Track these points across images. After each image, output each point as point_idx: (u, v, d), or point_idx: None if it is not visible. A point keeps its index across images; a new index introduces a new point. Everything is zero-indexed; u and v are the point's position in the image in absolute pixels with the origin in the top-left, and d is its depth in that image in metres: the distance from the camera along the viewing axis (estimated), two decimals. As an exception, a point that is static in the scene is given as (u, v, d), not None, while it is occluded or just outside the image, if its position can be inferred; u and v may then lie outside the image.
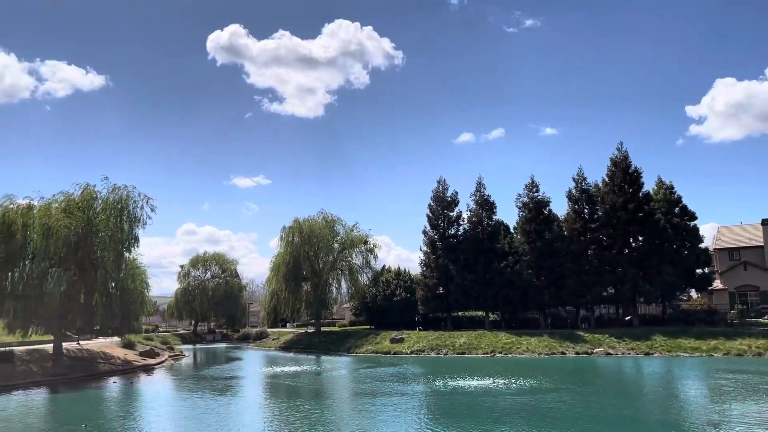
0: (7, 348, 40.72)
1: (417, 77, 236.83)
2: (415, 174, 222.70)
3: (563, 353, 49.65)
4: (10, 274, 40.90)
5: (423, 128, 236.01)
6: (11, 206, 41.61)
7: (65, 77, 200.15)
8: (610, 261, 57.97)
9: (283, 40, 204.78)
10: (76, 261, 42.26)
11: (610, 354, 48.58)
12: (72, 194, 44.84)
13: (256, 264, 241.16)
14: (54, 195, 44.46)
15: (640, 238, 58.92)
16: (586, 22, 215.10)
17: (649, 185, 60.66)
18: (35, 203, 43.08)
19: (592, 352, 49.28)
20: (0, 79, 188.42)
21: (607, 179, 60.59)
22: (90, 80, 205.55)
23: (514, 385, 31.08)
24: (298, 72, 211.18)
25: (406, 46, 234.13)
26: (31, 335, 43.64)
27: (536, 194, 62.72)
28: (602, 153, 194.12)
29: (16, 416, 25.60)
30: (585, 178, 61.87)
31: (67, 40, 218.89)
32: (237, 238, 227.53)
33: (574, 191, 61.91)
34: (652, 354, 47.40)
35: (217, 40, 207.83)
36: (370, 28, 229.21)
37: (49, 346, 44.22)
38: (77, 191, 45.09)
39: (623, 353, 48.57)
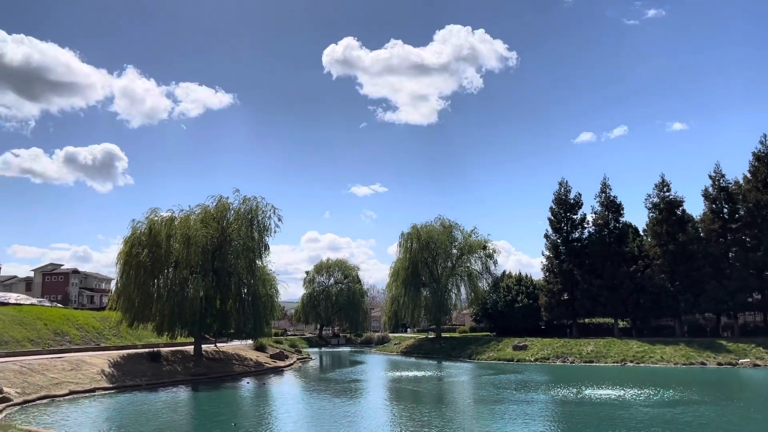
0: (155, 349, 44.38)
1: (533, 77, 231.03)
2: (534, 177, 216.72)
3: (703, 364, 46.19)
4: (155, 280, 44.60)
5: (540, 129, 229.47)
6: (156, 218, 45.31)
7: (197, 98, 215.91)
8: (756, 264, 53.17)
9: (396, 49, 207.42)
10: (213, 268, 45.36)
11: (758, 365, 44.53)
12: (208, 206, 48.14)
13: (375, 270, 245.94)
14: (191, 207, 47.95)
15: (791, 239, 53.58)
16: (716, 6, 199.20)
17: (800, 180, 55.06)
18: (176, 215, 46.65)
19: (737, 363, 45.42)
20: (142, 103, 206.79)
21: (749, 175, 55.72)
22: (219, 99, 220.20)
23: (655, 397, 29.24)
24: (411, 79, 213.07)
25: (520, 46, 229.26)
26: (177, 337, 47.17)
27: (667, 194, 59.03)
28: (741, 147, 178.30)
29: (162, 412, 27.87)
30: (723, 175, 57.43)
31: (197, 63, 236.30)
32: (356, 244, 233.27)
33: (711, 189, 57.58)
34: (809, 367, 42.90)
35: (331, 54, 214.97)
36: (482, 30, 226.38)
37: (190, 348, 47.70)
38: (212, 203, 48.37)
39: (774, 365, 44.36)
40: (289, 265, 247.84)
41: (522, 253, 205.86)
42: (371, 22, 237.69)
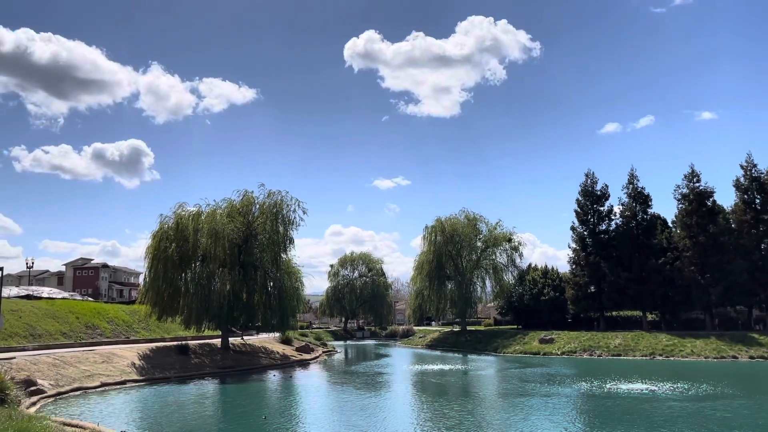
0: (183, 342, 44.96)
1: (557, 68, 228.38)
2: (559, 168, 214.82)
3: (735, 357, 45.36)
4: (183, 274, 45.09)
5: (564, 120, 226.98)
6: (183, 213, 45.65)
7: (221, 93, 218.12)
8: (789, 256, 51.97)
9: (417, 41, 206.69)
10: (239, 262, 45.72)
11: (792, 359, 43.58)
12: (233, 200, 48.49)
13: (398, 263, 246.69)
14: (217, 201, 48.30)
15: (826, 230, 52.28)
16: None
17: (835, 169, 53.72)
18: (203, 210, 46.94)
19: (770, 357, 44.54)
20: (167, 99, 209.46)
21: (782, 165, 54.42)
22: (243, 94, 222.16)
23: (690, 392, 28.72)
24: (433, 72, 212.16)
25: (543, 36, 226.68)
26: (204, 331, 47.73)
27: (697, 184, 57.92)
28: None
29: (191, 404, 28.21)
30: (755, 165, 56.28)
31: (221, 58, 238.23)
32: (380, 237, 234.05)
33: (742, 180, 56.40)
34: None
35: (353, 47, 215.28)
36: (504, 21, 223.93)
37: (218, 341, 48.23)
38: (237, 197, 48.74)
39: (808, 359, 43.35)
40: (313, 258, 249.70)
41: (547, 246, 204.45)
42: (392, 14, 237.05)
